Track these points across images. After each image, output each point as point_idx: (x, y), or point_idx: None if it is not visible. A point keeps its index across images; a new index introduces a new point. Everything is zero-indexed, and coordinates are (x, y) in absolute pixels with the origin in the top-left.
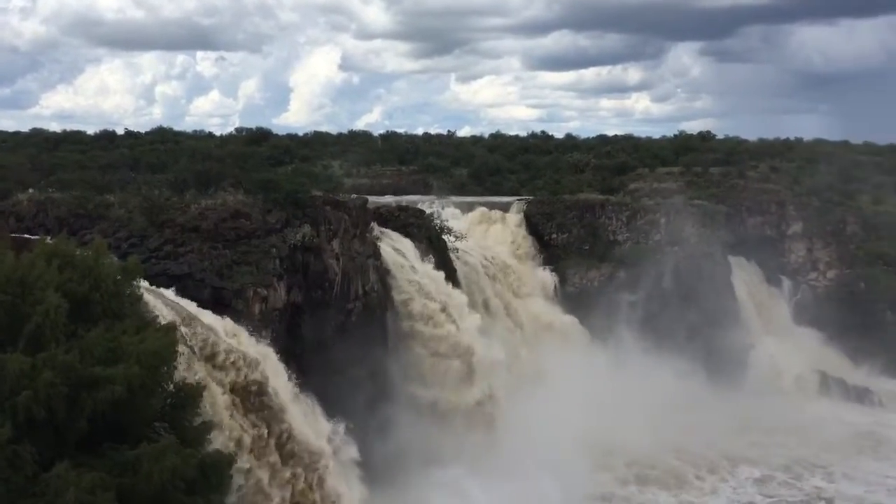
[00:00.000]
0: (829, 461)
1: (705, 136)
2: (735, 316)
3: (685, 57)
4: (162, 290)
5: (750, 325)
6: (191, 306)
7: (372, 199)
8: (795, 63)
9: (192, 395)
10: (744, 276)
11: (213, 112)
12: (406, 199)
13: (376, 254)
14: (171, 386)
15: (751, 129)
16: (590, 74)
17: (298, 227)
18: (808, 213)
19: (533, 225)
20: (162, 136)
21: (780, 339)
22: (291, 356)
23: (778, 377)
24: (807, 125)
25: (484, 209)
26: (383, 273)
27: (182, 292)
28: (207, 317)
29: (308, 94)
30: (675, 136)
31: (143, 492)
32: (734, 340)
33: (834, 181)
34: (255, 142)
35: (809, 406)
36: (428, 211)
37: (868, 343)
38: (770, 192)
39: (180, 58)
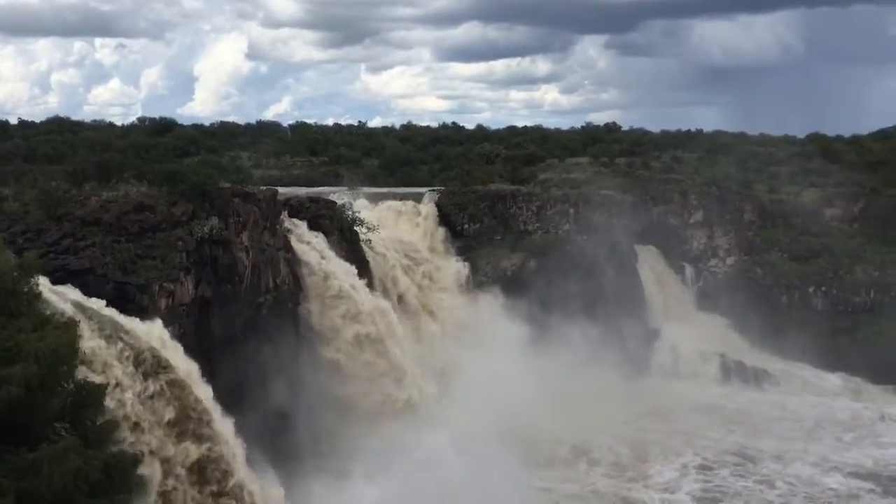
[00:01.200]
0: (770, 445)
1: (612, 128)
2: (641, 303)
3: (591, 50)
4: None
5: (655, 312)
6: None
7: (282, 190)
8: (696, 57)
9: (94, 393)
10: (649, 264)
11: (114, 101)
12: (317, 191)
13: (287, 246)
14: (72, 385)
15: (654, 121)
16: (499, 66)
17: (206, 219)
18: (709, 202)
19: (445, 215)
20: (59, 126)
21: (684, 324)
22: (200, 352)
23: (682, 362)
24: (707, 117)
25: (396, 200)
26: (295, 265)
27: (83, 288)
28: None
29: (214, 84)
30: (583, 127)
31: (44, 495)
32: (641, 327)
33: (732, 171)
34: (158, 132)
35: (716, 389)
36: (339, 202)
37: (765, 326)
38: (673, 181)
39: (77, 44)
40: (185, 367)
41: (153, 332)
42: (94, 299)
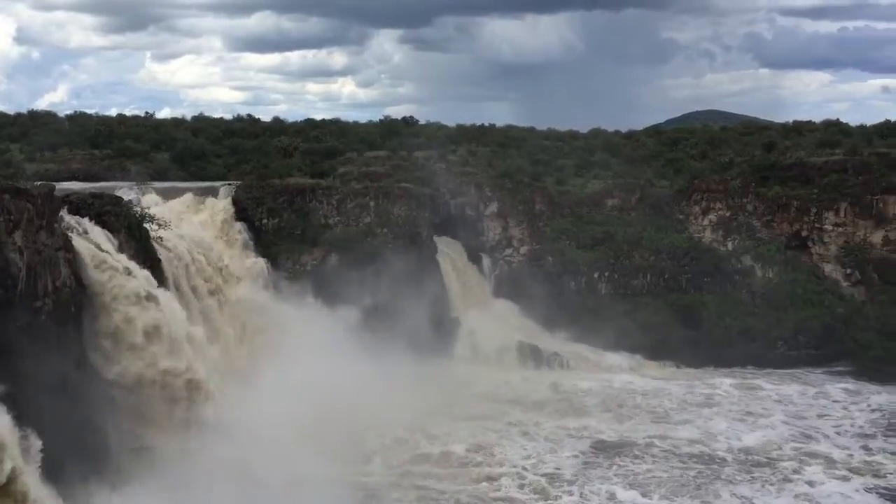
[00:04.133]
0: (610, 426)
1: (409, 121)
2: (442, 293)
3: (387, 44)
4: None
5: (456, 301)
6: None
7: (60, 185)
8: (487, 53)
9: None
10: (449, 255)
11: None
12: (101, 186)
13: (68, 246)
14: None
15: (450, 115)
16: (295, 57)
17: None
18: (503, 194)
19: (242, 210)
20: None
21: (482, 312)
22: None
23: (483, 348)
24: (499, 112)
25: (189, 195)
26: (77, 266)
27: None
28: None
29: None
30: (381, 120)
31: None
32: (442, 316)
33: (524, 164)
34: None
35: (515, 373)
36: (126, 198)
37: (556, 311)
38: (469, 174)
39: None
40: None
41: None
42: None
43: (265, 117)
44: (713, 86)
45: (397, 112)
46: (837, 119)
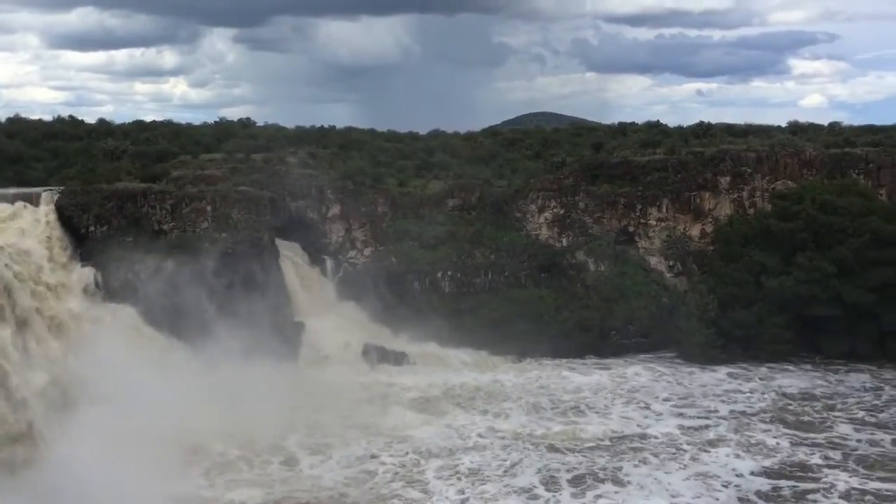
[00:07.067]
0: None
1: (245, 123)
2: (285, 297)
3: (220, 43)
4: None
5: (300, 305)
6: None
7: None
8: (325, 55)
9: None
10: (291, 259)
11: None
12: None
13: None
14: None
15: (288, 117)
16: (121, 56)
17: None
18: (345, 196)
19: (66, 218)
20: None
21: (327, 315)
22: None
23: (329, 352)
24: (339, 114)
25: (4, 203)
26: None
27: None
28: None
29: None
30: (216, 122)
31: None
32: (286, 321)
33: (365, 166)
34: None
35: (362, 374)
36: None
37: (401, 312)
38: (310, 177)
39: None
40: None
41: None
42: None
43: (89, 119)
44: (545, 88)
45: (233, 113)
46: (658, 121)
